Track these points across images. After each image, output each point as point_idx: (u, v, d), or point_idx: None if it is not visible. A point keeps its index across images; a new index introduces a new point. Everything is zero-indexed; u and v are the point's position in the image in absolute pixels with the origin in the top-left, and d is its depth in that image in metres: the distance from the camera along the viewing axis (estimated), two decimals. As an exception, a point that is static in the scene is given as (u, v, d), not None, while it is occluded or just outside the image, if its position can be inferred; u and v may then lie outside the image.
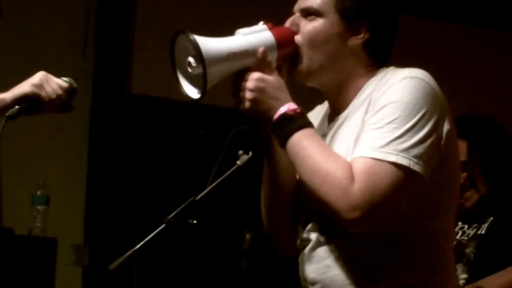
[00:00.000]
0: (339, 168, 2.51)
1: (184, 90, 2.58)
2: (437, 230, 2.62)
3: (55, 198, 5.13)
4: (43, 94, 2.63)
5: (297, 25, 2.63)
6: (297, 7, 2.65)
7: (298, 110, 2.59)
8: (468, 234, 3.69)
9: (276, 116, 2.57)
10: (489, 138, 3.74)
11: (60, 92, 2.65)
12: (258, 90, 2.57)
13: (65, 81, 2.69)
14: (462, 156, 3.59)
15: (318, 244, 2.64)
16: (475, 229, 3.69)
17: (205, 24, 5.26)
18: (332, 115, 2.72)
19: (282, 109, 2.58)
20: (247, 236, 4.88)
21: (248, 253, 5.03)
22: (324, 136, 2.71)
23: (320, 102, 2.82)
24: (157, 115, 5.64)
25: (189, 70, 2.57)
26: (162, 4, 5.68)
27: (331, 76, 2.68)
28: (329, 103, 2.75)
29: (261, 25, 2.64)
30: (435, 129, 2.54)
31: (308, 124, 2.58)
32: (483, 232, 3.65)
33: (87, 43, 5.53)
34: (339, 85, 2.69)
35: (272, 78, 2.60)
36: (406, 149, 2.49)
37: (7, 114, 2.58)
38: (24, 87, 2.63)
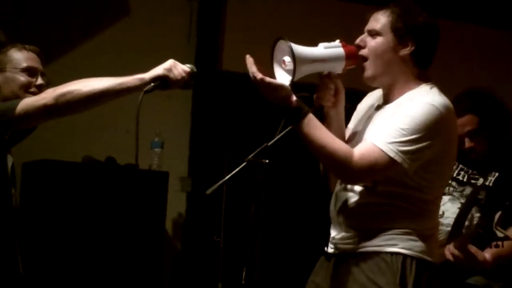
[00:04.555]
0: (340, 149, 2.68)
1: (276, 78, 2.72)
2: (428, 197, 2.80)
3: (167, 143, 5.51)
4: (171, 75, 2.70)
5: (364, 42, 2.84)
6: (366, 28, 2.87)
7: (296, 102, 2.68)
8: (475, 183, 3.76)
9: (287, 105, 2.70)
10: (494, 112, 3.74)
11: (184, 74, 2.73)
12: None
13: (188, 66, 2.78)
14: (472, 126, 3.71)
15: (341, 192, 2.87)
16: (482, 180, 3.74)
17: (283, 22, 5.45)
18: (381, 104, 2.91)
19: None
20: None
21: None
22: (371, 115, 2.91)
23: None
24: (239, 85, 5.84)
25: (283, 66, 2.71)
26: (247, 4, 5.84)
27: (388, 78, 2.84)
28: (383, 95, 2.92)
29: (337, 43, 2.79)
30: (428, 146, 2.70)
31: (308, 111, 2.69)
32: (490, 184, 3.72)
33: (190, 34, 5.73)
34: (393, 86, 2.84)
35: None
36: (404, 152, 2.68)
37: (145, 89, 2.69)
38: (158, 70, 2.72)
